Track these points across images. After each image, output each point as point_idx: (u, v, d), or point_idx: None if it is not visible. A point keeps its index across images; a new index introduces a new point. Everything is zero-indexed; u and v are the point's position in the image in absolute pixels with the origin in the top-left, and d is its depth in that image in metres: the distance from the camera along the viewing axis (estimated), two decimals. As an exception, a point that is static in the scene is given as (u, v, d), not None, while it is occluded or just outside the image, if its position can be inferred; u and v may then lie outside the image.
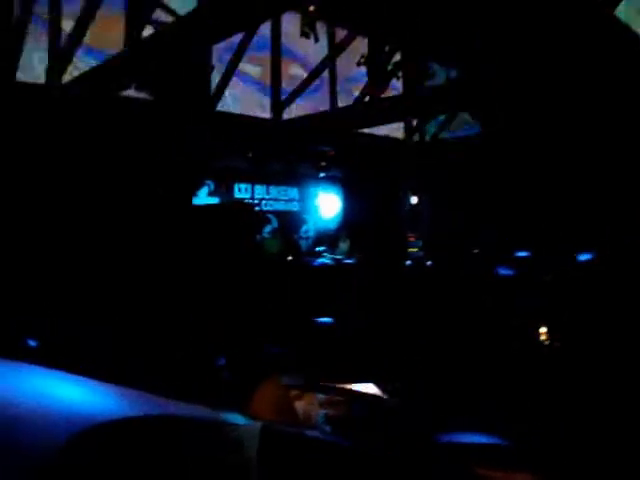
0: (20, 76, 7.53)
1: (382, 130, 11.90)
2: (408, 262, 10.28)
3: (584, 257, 7.04)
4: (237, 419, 1.25)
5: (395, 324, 5.04)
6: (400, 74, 9.78)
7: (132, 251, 6.94)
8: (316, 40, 9.70)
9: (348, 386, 2.68)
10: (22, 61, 7.53)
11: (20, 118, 7.16)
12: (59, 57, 7.70)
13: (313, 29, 9.54)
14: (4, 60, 7.29)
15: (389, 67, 9.73)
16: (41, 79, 7.80)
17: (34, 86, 7.68)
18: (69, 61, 7.72)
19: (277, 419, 1.88)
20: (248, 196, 11.22)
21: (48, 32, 7.67)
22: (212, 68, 9.08)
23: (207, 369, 3.20)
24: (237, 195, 11.03)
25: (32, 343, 3.17)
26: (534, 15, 5.73)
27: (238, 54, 9.52)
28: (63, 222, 7.00)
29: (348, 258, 9.14)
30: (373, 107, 9.86)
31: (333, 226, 12.06)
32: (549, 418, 3.20)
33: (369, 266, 8.51)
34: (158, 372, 3.02)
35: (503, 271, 7.04)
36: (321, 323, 4.94)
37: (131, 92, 8.12)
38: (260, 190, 11.42)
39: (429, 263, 9.91)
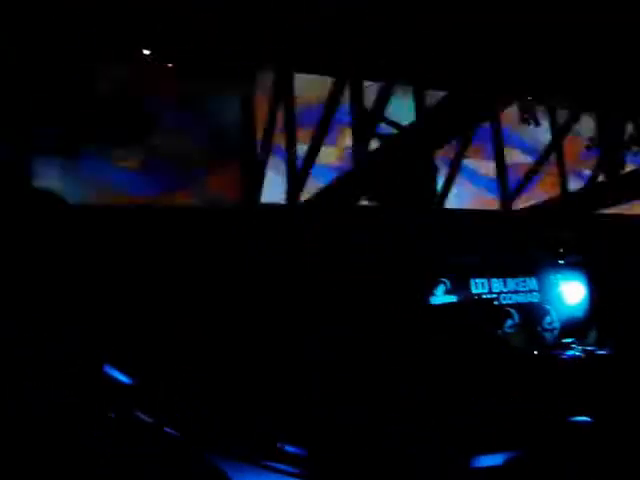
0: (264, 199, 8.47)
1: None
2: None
3: None
4: None
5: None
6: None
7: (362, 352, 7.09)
8: (536, 125, 9.55)
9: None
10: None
11: (267, 235, 7.96)
12: (296, 180, 8.52)
13: (532, 115, 9.43)
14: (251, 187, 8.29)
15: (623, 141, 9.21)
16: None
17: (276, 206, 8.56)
18: (304, 181, 8.51)
19: None
20: (485, 291, 10.99)
21: (286, 160, 8.57)
22: (436, 169, 9.31)
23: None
24: (474, 290, 10.86)
25: None
26: None
27: (460, 152, 9.69)
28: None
29: (601, 348, 8.43)
30: (610, 186, 9.27)
31: (579, 315, 11.25)
32: None
33: (628, 357, 7.76)
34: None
35: None
36: (578, 423, 4.57)
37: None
38: (497, 283, 11.12)
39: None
